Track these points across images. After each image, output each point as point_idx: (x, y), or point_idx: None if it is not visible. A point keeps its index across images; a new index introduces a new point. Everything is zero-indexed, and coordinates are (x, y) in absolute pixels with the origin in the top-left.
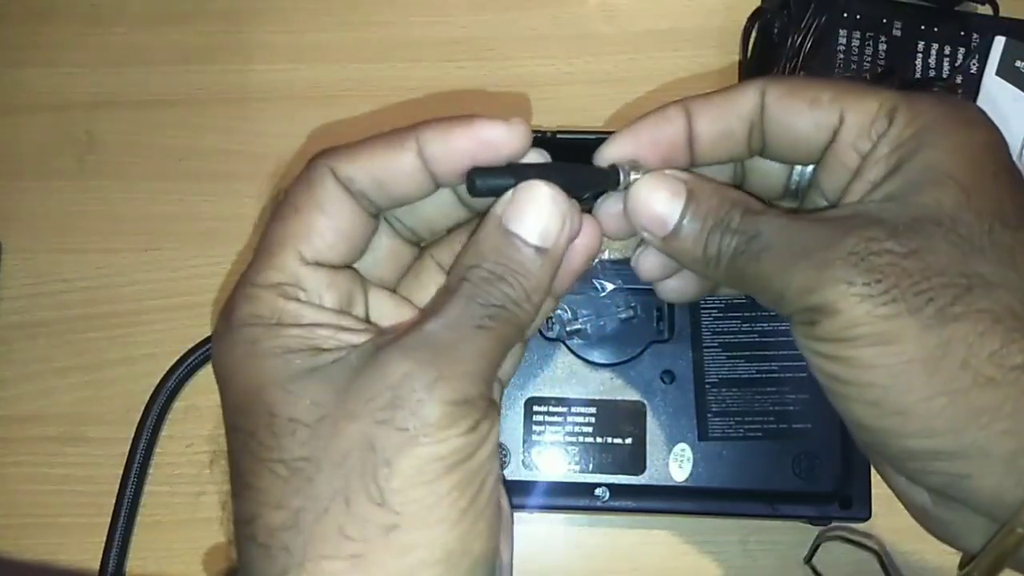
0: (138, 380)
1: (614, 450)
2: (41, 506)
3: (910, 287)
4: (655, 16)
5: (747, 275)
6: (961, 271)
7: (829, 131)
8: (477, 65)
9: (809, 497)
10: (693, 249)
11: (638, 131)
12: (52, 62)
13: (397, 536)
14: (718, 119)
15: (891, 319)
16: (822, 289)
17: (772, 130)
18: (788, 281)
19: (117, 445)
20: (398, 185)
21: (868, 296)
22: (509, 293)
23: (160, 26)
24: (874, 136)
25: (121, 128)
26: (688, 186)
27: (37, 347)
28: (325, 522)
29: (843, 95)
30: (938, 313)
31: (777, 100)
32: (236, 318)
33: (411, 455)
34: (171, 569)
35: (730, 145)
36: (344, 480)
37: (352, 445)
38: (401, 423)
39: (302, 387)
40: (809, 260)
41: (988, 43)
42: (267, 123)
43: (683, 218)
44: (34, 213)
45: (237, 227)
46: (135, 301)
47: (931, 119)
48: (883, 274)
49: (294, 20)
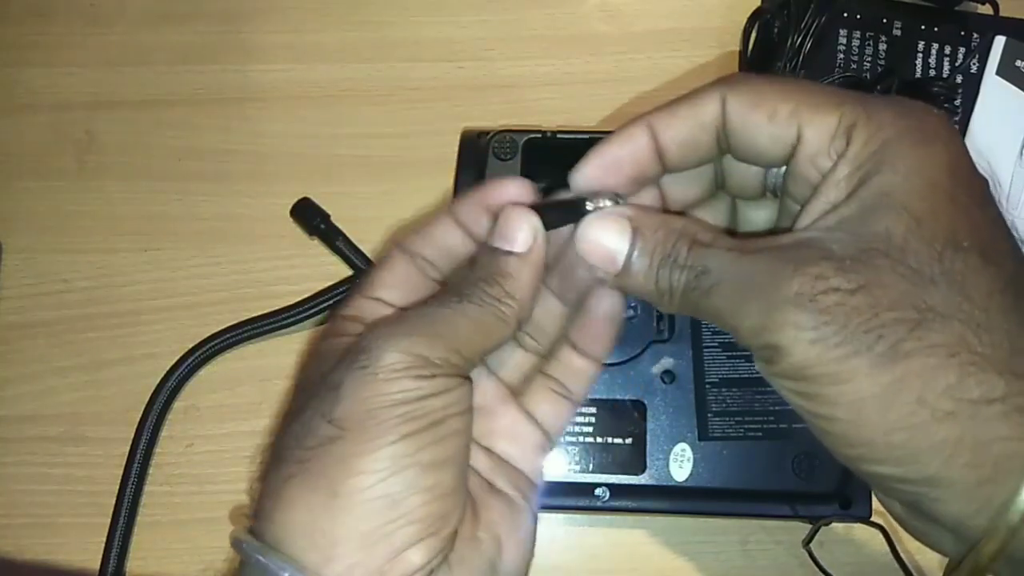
0: (138, 380)
1: (614, 450)
2: (41, 506)
3: (859, 326)
4: (655, 16)
5: (701, 309)
6: (912, 304)
7: (788, 146)
8: (477, 65)
9: (809, 497)
10: (645, 284)
11: (603, 154)
12: (52, 62)
13: (338, 446)
14: (681, 130)
15: (843, 360)
16: (773, 331)
17: (734, 139)
18: (740, 320)
19: (117, 445)
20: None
21: (818, 339)
22: (487, 289)
23: (160, 26)
24: (833, 155)
25: (121, 128)
26: (633, 223)
27: (37, 347)
28: (292, 441)
29: (801, 109)
30: (890, 350)
31: (736, 111)
32: (318, 336)
33: (361, 387)
34: (171, 569)
35: (699, 152)
36: (312, 409)
37: (325, 387)
38: (361, 364)
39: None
40: (758, 301)
41: (988, 43)
42: (267, 123)
43: (631, 255)
44: (34, 213)
45: (237, 227)
46: (135, 301)
47: (890, 136)
48: (832, 315)
49: (294, 20)
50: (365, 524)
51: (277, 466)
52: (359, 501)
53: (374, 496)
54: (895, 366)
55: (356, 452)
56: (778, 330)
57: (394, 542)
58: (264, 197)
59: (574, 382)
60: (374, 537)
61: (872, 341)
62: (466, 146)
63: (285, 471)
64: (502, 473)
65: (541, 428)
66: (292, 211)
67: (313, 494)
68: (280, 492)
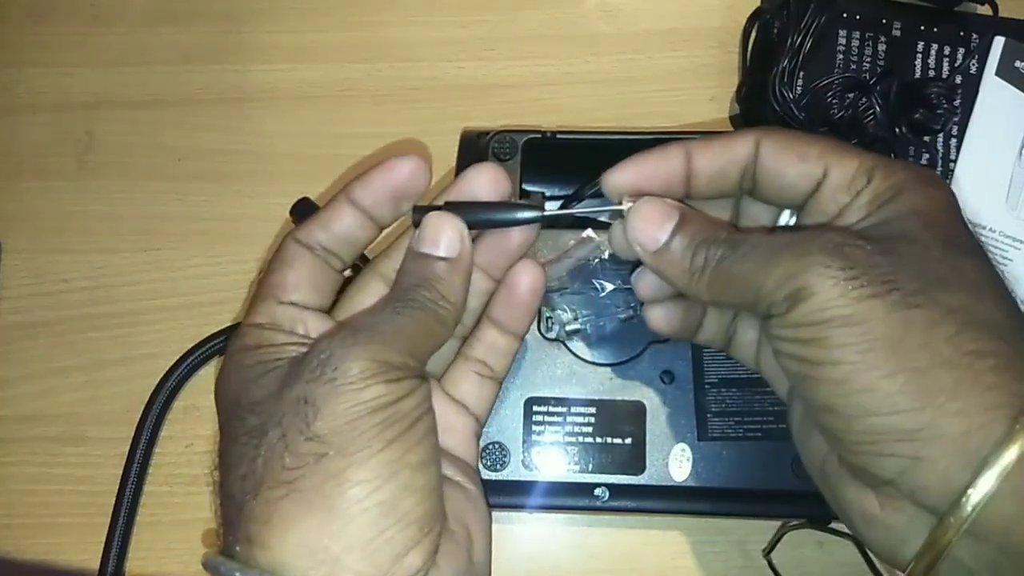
0: (138, 380)
1: (614, 450)
2: (41, 506)
3: (878, 276)
4: (655, 16)
5: (731, 275)
6: (922, 272)
7: (814, 182)
8: (477, 65)
9: (809, 497)
10: (681, 261)
11: (640, 164)
12: (52, 62)
13: (326, 463)
14: (715, 161)
15: (860, 301)
16: (801, 273)
17: (763, 176)
18: (770, 272)
19: (117, 445)
20: (350, 235)
21: (841, 279)
22: (424, 294)
23: (160, 26)
24: (853, 191)
25: (121, 128)
26: (681, 211)
27: (37, 347)
28: (271, 462)
29: (829, 153)
30: (902, 299)
31: (770, 151)
32: (232, 349)
33: (336, 399)
34: (171, 569)
35: (723, 184)
36: (284, 429)
37: (290, 403)
38: (328, 377)
39: (259, 380)
40: (790, 252)
41: (988, 43)
42: (267, 123)
43: (673, 236)
44: (34, 213)
45: (237, 227)
46: (135, 301)
47: (903, 179)
48: (856, 261)
49: (294, 20)
50: (366, 534)
51: (255, 490)
52: (357, 512)
53: (371, 505)
54: (906, 312)
55: (347, 465)
56: (807, 270)
57: (395, 547)
58: (264, 197)
59: (496, 360)
60: (376, 545)
61: (888, 290)
62: (466, 146)
63: (269, 494)
64: (449, 464)
65: (471, 414)
66: (292, 211)
67: (309, 513)
68: (270, 516)
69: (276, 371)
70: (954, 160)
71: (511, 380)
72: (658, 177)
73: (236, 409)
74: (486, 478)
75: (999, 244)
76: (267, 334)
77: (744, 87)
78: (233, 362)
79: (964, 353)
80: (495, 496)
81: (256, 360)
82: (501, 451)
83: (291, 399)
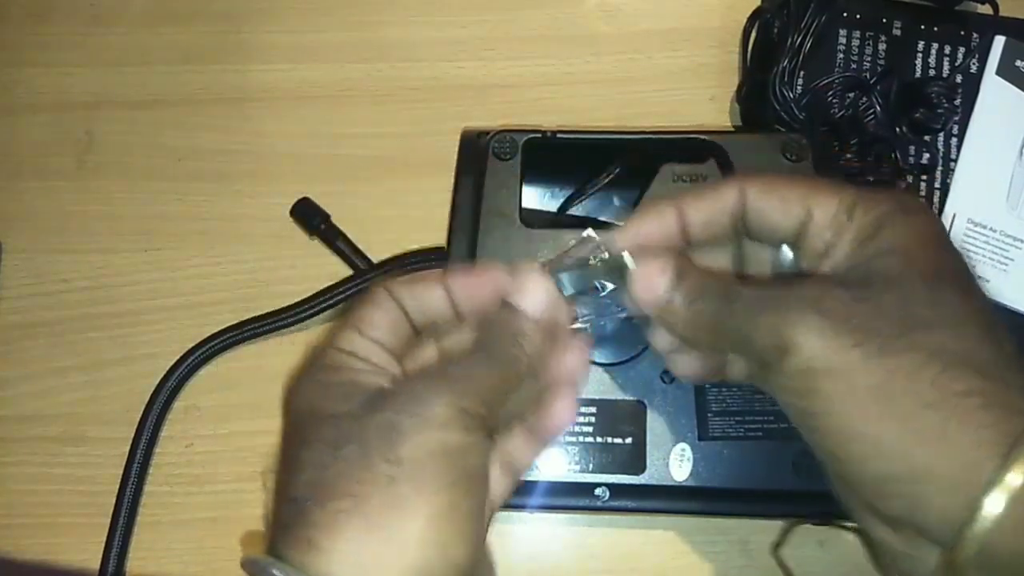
0: (138, 380)
1: (614, 450)
2: (41, 506)
3: (858, 325)
4: (655, 16)
5: (725, 328)
6: (903, 315)
7: (799, 223)
8: (477, 65)
9: (809, 497)
10: (682, 313)
11: (639, 223)
12: (52, 62)
13: (397, 487)
14: (704, 213)
15: (841, 352)
16: (784, 328)
17: (752, 220)
18: (758, 326)
19: (117, 445)
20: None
21: (821, 332)
22: (511, 350)
23: (160, 26)
24: (837, 228)
25: (121, 128)
26: (677, 265)
27: (37, 347)
28: (344, 474)
29: (810, 194)
30: (883, 346)
31: (754, 196)
32: (313, 367)
33: (419, 432)
34: (171, 569)
35: (717, 231)
36: (366, 446)
37: (376, 426)
38: (416, 411)
39: (340, 398)
40: (775, 306)
41: (988, 43)
42: (267, 123)
43: (673, 291)
44: (34, 213)
45: (237, 227)
46: (135, 301)
47: (884, 212)
48: (836, 315)
49: (294, 20)
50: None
51: (322, 498)
52: (414, 545)
53: (428, 541)
54: (888, 359)
55: (414, 496)
56: (790, 326)
57: None
58: (264, 197)
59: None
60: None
61: (868, 338)
62: (466, 146)
63: (336, 504)
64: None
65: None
66: (292, 211)
67: (368, 533)
68: (332, 525)
69: (357, 394)
70: (954, 159)
71: None
72: (657, 233)
73: (311, 418)
74: None
75: (999, 244)
76: (348, 359)
77: (744, 87)
78: (313, 379)
79: (951, 394)
80: None
81: (336, 380)
82: None
83: (378, 422)
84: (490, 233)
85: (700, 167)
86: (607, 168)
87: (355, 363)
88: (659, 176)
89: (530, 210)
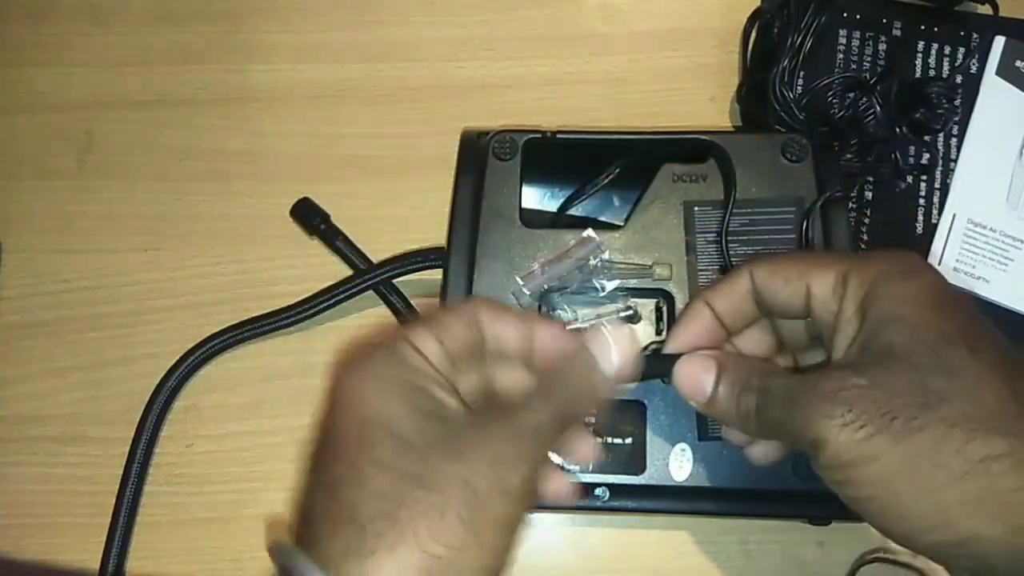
0: (138, 380)
1: (614, 450)
2: (41, 506)
3: (876, 411)
4: (655, 16)
5: (771, 423)
6: (918, 391)
7: (802, 299)
8: (477, 65)
9: (809, 497)
10: (728, 409)
11: (681, 331)
12: (52, 62)
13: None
14: (727, 300)
15: (867, 440)
16: (812, 426)
17: (764, 301)
18: (791, 423)
19: (117, 445)
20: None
21: (845, 425)
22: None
23: (160, 26)
24: (837, 299)
25: (121, 128)
26: (718, 360)
27: (37, 347)
28: (418, 525)
29: (807, 271)
30: (904, 427)
31: (762, 279)
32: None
33: (494, 497)
34: (171, 569)
35: (747, 315)
36: (443, 499)
37: (455, 477)
38: (495, 481)
39: (416, 421)
40: (801, 404)
41: (988, 43)
42: (267, 123)
43: (716, 387)
44: (34, 213)
45: (237, 227)
46: (135, 301)
47: (877, 275)
48: (853, 404)
49: (294, 20)
50: None
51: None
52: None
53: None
54: (911, 439)
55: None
56: (815, 423)
57: None
58: (264, 197)
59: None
60: None
61: (888, 422)
62: (466, 146)
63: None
64: None
65: None
66: (292, 211)
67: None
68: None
69: (428, 408)
70: (954, 160)
71: None
72: (701, 331)
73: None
74: None
75: (999, 244)
76: (421, 362)
77: (744, 87)
78: (381, 369)
79: (977, 461)
80: None
81: (407, 380)
82: None
83: (457, 472)
84: (490, 233)
85: (700, 167)
86: (607, 168)
87: (428, 369)
88: (659, 176)
89: (530, 210)
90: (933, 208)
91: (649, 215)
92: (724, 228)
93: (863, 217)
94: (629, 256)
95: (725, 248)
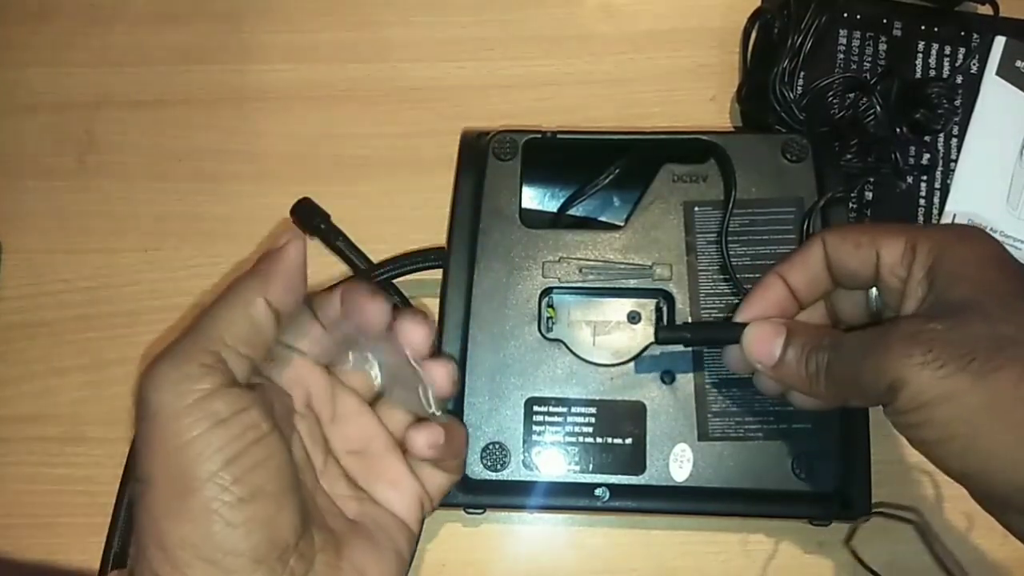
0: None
1: (614, 450)
2: (41, 506)
3: (955, 351)
4: (655, 16)
5: (840, 379)
6: (991, 336)
7: (872, 265)
8: (477, 65)
9: (809, 497)
10: (797, 371)
11: (756, 297)
12: (52, 62)
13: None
14: (802, 270)
15: (948, 378)
16: (891, 368)
17: (835, 269)
18: (867, 370)
19: (117, 445)
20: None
21: (925, 363)
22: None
23: (160, 26)
24: (906, 265)
25: (121, 128)
26: (787, 326)
27: (37, 347)
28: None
29: (877, 237)
30: (983, 367)
31: (833, 246)
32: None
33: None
34: None
35: (818, 284)
36: None
37: None
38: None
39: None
40: (877, 350)
41: (988, 43)
42: (267, 123)
43: (785, 349)
44: (34, 213)
45: (237, 227)
46: (135, 301)
47: (943, 242)
48: (933, 344)
49: (294, 20)
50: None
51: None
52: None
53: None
54: (990, 378)
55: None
56: (894, 364)
57: None
58: (264, 197)
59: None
60: None
61: (967, 362)
62: (466, 146)
63: None
64: (375, 517)
65: (423, 485)
66: (292, 211)
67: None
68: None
69: None
70: (955, 160)
71: (512, 380)
72: (772, 303)
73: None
74: (487, 478)
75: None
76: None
77: (744, 87)
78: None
79: None
80: (495, 496)
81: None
82: (501, 451)
83: None
84: (490, 233)
85: (700, 167)
86: (607, 168)
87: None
88: (659, 176)
89: (530, 210)
90: (933, 208)
91: (649, 215)
92: (724, 228)
93: (863, 217)
94: (629, 256)
95: (725, 248)
